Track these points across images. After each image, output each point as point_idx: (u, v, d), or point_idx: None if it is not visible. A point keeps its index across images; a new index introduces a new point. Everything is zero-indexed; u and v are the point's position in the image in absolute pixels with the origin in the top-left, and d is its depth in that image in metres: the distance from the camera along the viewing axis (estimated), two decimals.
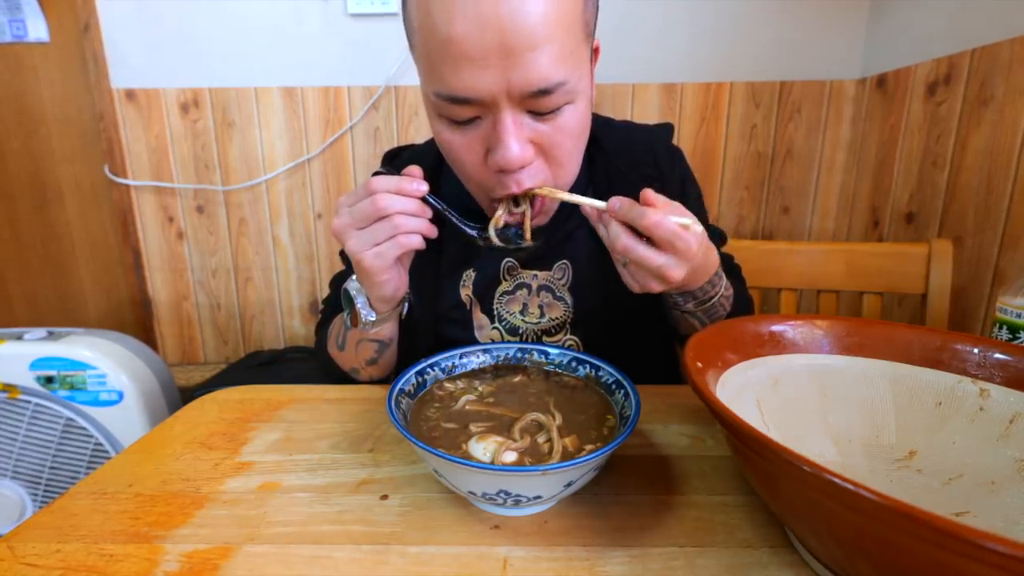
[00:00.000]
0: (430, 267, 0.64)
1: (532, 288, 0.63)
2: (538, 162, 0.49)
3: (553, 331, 0.64)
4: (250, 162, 1.54)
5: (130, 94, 1.51)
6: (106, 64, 1.48)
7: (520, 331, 0.64)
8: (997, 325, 0.59)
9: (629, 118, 1.46)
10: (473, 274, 0.65)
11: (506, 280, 0.64)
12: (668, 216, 0.43)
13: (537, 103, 0.45)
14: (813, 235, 1.53)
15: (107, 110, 1.50)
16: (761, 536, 0.37)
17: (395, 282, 0.52)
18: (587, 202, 0.48)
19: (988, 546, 0.20)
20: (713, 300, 0.55)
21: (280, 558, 0.36)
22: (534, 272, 0.64)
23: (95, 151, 1.58)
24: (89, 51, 1.47)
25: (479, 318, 0.64)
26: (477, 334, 0.65)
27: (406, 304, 0.58)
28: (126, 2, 1.45)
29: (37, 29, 1.52)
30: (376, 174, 0.48)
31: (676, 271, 0.45)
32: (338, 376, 0.66)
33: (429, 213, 0.49)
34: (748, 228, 1.53)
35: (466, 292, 0.64)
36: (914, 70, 1.19)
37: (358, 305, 0.54)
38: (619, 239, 0.45)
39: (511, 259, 0.64)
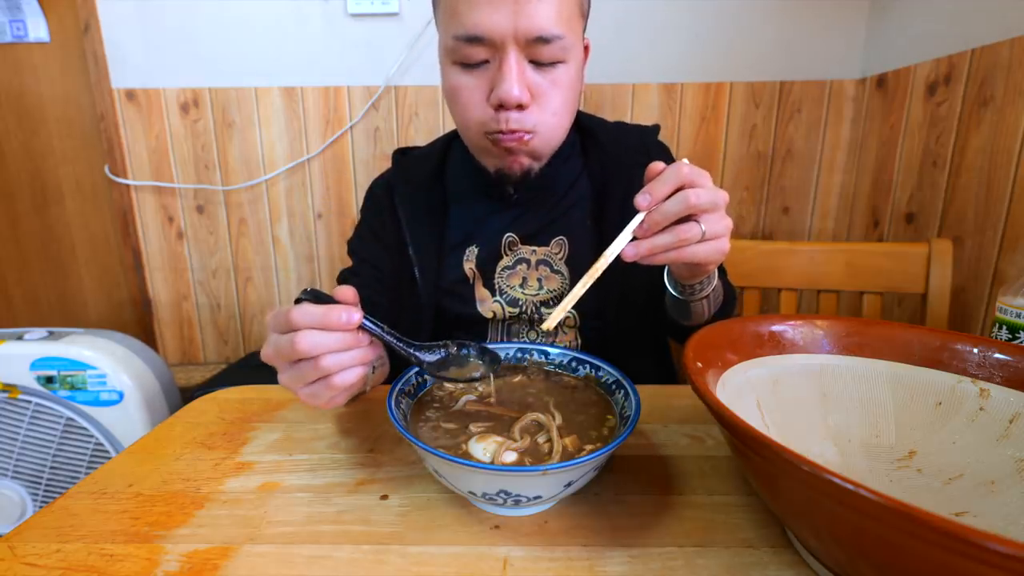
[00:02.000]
0: (435, 242, 0.69)
1: (531, 263, 0.68)
2: (533, 107, 0.56)
3: (551, 303, 0.67)
4: (250, 162, 1.54)
5: (130, 94, 1.51)
6: (106, 64, 1.48)
7: (520, 303, 0.68)
8: (997, 325, 0.59)
9: (629, 118, 1.46)
10: (476, 249, 0.68)
11: (507, 255, 0.68)
12: (694, 175, 0.44)
13: (538, 51, 0.54)
14: (813, 235, 1.53)
15: (107, 110, 1.50)
16: (761, 536, 0.37)
17: (344, 401, 0.44)
18: (620, 246, 0.44)
19: (988, 546, 0.20)
20: (717, 277, 0.57)
21: (280, 558, 0.36)
22: (533, 248, 0.68)
23: (95, 151, 1.58)
24: (89, 51, 1.47)
25: (481, 292, 0.68)
26: (479, 307, 0.68)
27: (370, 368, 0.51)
28: (126, 2, 1.45)
29: (37, 29, 1.52)
30: (299, 300, 0.41)
31: (722, 192, 0.45)
32: None
33: (366, 340, 0.42)
34: (748, 228, 1.53)
35: (469, 266, 0.68)
36: (914, 70, 1.19)
37: None
38: (688, 198, 0.42)
39: (512, 234, 0.68)
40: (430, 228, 0.69)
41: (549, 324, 0.45)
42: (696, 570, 0.34)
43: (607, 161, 0.69)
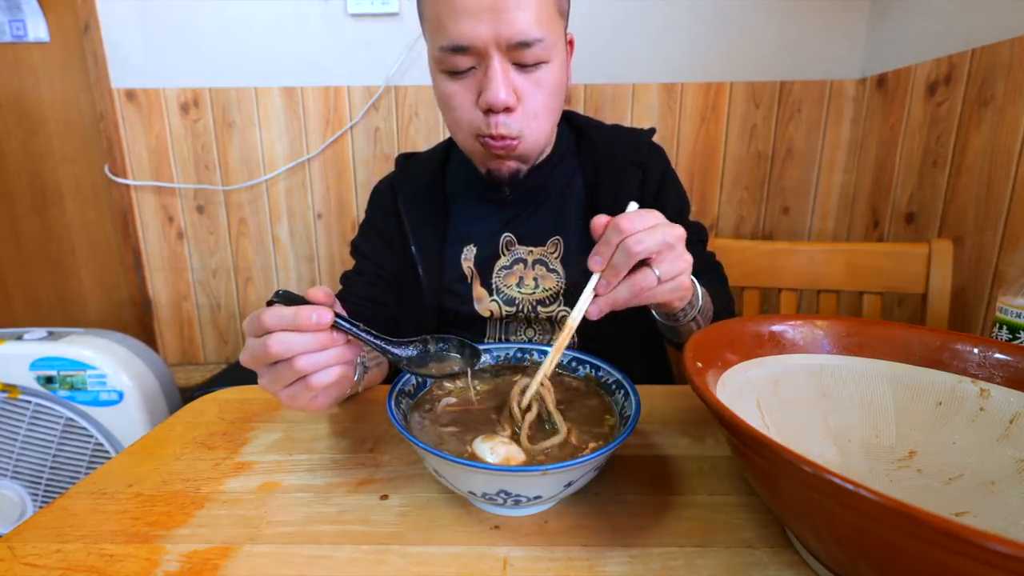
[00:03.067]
0: (436, 240, 0.70)
1: (528, 262, 0.69)
2: (518, 112, 0.58)
3: (547, 301, 0.68)
4: (250, 162, 1.54)
5: (130, 94, 1.51)
6: (106, 64, 1.48)
7: (516, 302, 0.68)
8: (997, 325, 0.59)
9: (629, 118, 1.46)
10: (474, 248, 0.70)
11: (504, 255, 0.70)
12: (634, 223, 0.42)
13: (520, 55, 0.55)
14: (813, 235, 1.53)
15: (107, 110, 1.50)
16: (761, 536, 0.37)
17: (328, 402, 0.44)
18: (583, 308, 0.44)
19: (988, 546, 0.20)
20: (699, 297, 0.56)
21: (280, 558, 0.36)
22: (529, 248, 0.70)
23: (95, 151, 1.58)
24: (89, 51, 1.47)
25: (478, 291, 0.69)
26: (476, 306, 0.69)
27: (361, 380, 0.51)
28: (126, 2, 1.45)
29: (37, 29, 1.52)
30: (271, 302, 0.40)
31: (672, 228, 0.44)
32: None
33: (341, 339, 0.41)
34: (748, 228, 1.53)
35: (468, 264, 0.70)
36: (914, 70, 1.19)
37: None
38: (630, 249, 0.41)
39: (509, 234, 0.70)
40: (431, 228, 0.71)
41: (527, 399, 0.44)
42: (696, 570, 0.34)
43: (600, 160, 0.71)
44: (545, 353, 0.53)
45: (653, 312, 0.59)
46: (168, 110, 1.52)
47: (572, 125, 0.75)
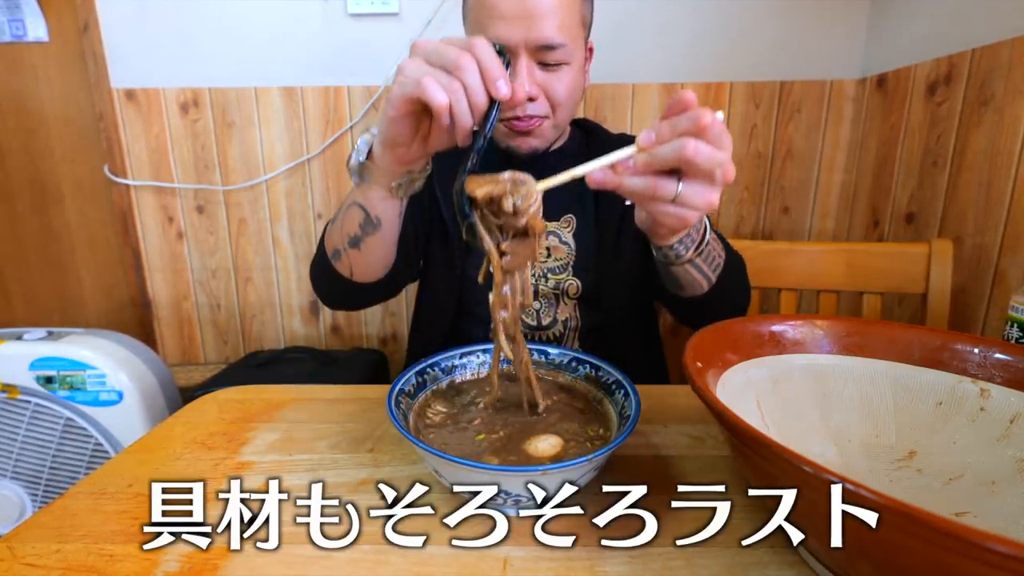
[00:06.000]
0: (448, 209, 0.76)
1: None
2: (542, 99, 0.68)
3: (558, 270, 0.76)
4: (250, 162, 1.54)
5: (130, 94, 1.51)
6: (106, 64, 1.48)
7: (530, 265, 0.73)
8: (1009, 323, 0.59)
9: (629, 118, 1.46)
10: None
11: None
12: (715, 130, 0.39)
13: (544, 56, 0.66)
14: (813, 235, 1.53)
15: (107, 110, 1.50)
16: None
17: (406, 135, 0.49)
18: (594, 167, 0.43)
19: (988, 546, 0.20)
20: (707, 239, 0.54)
21: (280, 558, 0.36)
22: (544, 222, 0.72)
23: (95, 151, 1.58)
24: (89, 51, 1.47)
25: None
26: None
27: (404, 186, 0.56)
28: (126, 2, 1.45)
29: (37, 29, 1.52)
30: (498, 50, 0.45)
31: (731, 167, 0.41)
32: (323, 273, 0.67)
33: (483, 109, 0.45)
34: (748, 228, 1.53)
35: None
36: (914, 70, 1.19)
37: (359, 143, 0.54)
38: (685, 148, 0.38)
39: None
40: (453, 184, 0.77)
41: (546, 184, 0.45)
42: (696, 570, 0.34)
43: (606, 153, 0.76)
44: (545, 353, 0.53)
45: (653, 248, 0.55)
46: (168, 110, 1.52)
47: (583, 128, 0.84)
